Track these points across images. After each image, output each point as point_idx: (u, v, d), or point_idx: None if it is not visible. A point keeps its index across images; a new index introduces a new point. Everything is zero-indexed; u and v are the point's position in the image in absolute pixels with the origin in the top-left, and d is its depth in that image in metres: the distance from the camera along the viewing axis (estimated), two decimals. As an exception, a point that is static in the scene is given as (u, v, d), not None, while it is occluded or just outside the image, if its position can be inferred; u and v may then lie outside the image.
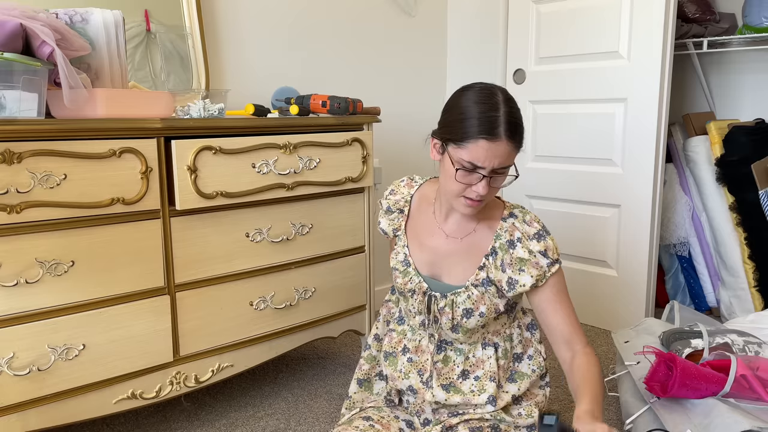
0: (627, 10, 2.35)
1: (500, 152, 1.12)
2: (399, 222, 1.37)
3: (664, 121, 2.33)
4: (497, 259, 1.25)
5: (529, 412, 1.33)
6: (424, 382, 1.32)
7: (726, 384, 1.43)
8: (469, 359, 1.31)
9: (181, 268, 1.57)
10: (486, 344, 1.32)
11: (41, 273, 1.34)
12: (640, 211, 2.40)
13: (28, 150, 1.28)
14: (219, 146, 1.57)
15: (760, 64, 2.65)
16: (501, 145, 1.12)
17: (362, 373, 1.46)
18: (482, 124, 1.12)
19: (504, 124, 1.12)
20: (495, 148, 1.12)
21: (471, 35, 2.92)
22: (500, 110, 1.13)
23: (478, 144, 1.12)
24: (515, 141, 1.14)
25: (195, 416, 1.82)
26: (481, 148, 1.12)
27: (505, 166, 1.15)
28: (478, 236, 1.28)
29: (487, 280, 1.26)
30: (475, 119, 1.12)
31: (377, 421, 1.29)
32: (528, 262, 1.22)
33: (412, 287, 1.31)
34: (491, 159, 1.12)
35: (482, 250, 1.27)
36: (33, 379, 1.36)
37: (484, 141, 1.11)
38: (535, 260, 1.22)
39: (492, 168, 1.14)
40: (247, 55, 2.27)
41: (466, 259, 1.28)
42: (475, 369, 1.31)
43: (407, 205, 1.37)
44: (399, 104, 2.79)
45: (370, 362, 1.46)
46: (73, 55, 1.38)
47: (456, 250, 1.29)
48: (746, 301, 2.42)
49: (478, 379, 1.30)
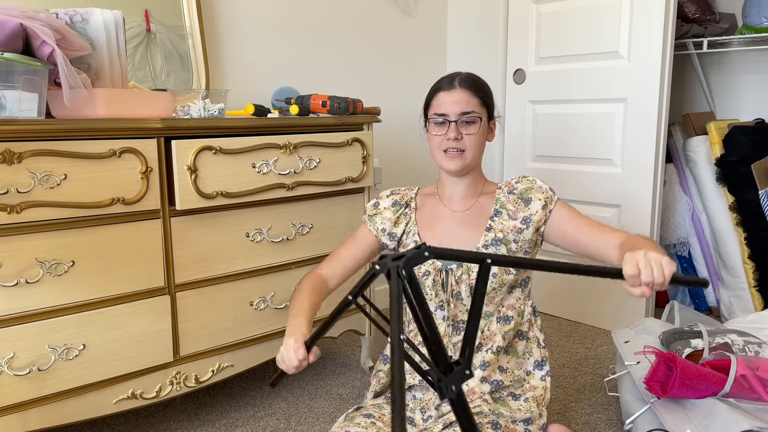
0: (627, 10, 2.35)
1: (458, 99, 1.35)
2: (409, 215, 1.44)
3: (664, 121, 2.33)
4: (502, 216, 1.37)
5: (528, 407, 1.34)
6: None
7: (726, 384, 1.43)
8: (484, 332, 1.38)
9: (181, 268, 1.57)
10: (500, 318, 1.39)
11: (41, 273, 1.34)
12: (640, 211, 2.40)
13: (28, 150, 1.28)
14: (219, 146, 1.57)
15: (760, 64, 2.65)
16: (457, 93, 1.35)
17: (381, 386, 1.46)
18: (441, 83, 1.40)
19: (458, 79, 1.37)
20: (452, 96, 1.35)
21: (471, 35, 2.92)
22: (459, 74, 1.39)
23: (439, 96, 1.38)
24: (472, 90, 1.36)
25: (195, 416, 1.82)
26: (441, 98, 1.37)
27: (467, 111, 1.34)
28: (481, 205, 1.41)
29: (496, 240, 1.36)
30: (438, 82, 1.41)
31: (378, 418, 1.29)
32: (531, 190, 1.38)
33: (426, 269, 1.36)
34: (451, 105, 1.35)
35: (486, 214, 1.40)
36: (33, 379, 1.36)
37: (442, 92, 1.37)
38: (538, 185, 1.38)
39: (455, 113, 1.34)
40: (247, 55, 2.27)
41: (473, 228, 1.38)
42: (487, 342, 1.38)
43: (413, 200, 1.46)
44: (399, 104, 2.79)
45: (389, 375, 1.46)
46: (74, 55, 1.38)
47: (463, 222, 1.39)
48: (746, 301, 2.42)
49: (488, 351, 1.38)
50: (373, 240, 1.45)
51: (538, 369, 1.41)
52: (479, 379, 1.36)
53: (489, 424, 1.26)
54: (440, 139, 1.36)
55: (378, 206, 1.46)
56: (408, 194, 1.47)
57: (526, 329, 1.43)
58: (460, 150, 1.35)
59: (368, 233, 1.46)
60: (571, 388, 1.99)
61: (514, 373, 1.39)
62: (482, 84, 1.40)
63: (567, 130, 2.60)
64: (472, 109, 1.35)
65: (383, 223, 1.43)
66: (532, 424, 1.32)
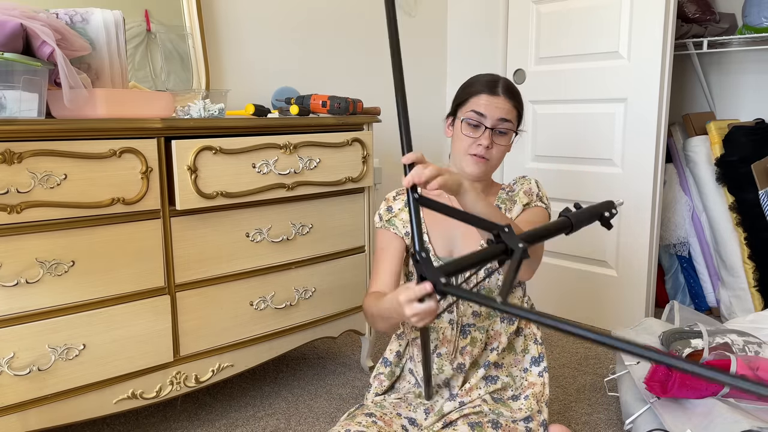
0: (627, 10, 2.35)
1: (500, 105, 1.33)
2: None
3: (664, 121, 2.33)
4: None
5: (528, 405, 1.34)
6: (455, 368, 1.37)
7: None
8: (489, 332, 1.39)
9: (181, 268, 1.57)
10: (504, 318, 1.40)
11: (41, 273, 1.34)
12: (640, 212, 2.40)
13: (28, 150, 1.28)
14: (219, 146, 1.57)
15: (760, 64, 2.65)
16: (500, 100, 1.34)
17: (382, 389, 1.46)
18: (483, 84, 1.36)
19: (502, 86, 1.36)
20: (495, 101, 1.33)
21: (471, 35, 2.92)
22: (500, 78, 1.38)
23: (481, 97, 1.34)
24: (513, 100, 1.35)
25: (195, 416, 1.82)
26: (483, 99, 1.34)
27: (505, 119, 1.34)
28: None
29: None
30: (478, 83, 1.37)
31: (380, 418, 1.30)
32: (520, 192, 1.40)
33: None
34: (492, 110, 1.33)
35: None
36: (33, 379, 1.36)
37: (485, 95, 1.34)
38: (528, 188, 1.41)
39: (494, 119, 1.33)
40: (247, 55, 2.27)
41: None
42: (492, 341, 1.40)
43: None
44: (399, 104, 2.78)
45: (390, 378, 1.47)
46: (74, 55, 1.38)
47: None
48: (746, 301, 2.42)
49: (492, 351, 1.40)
50: (401, 242, 1.43)
51: (535, 365, 1.41)
52: (481, 377, 1.36)
53: (489, 423, 1.26)
54: (470, 141, 1.34)
55: (392, 210, 1.45)
56: None
57: (523, 325, 1.44)
58: (485, 157, 1.34)
59: (394, 237, 1.42)
60: (571, 388, 1.99)
61: (510, 371, 1.40)
62: (520, 96, 1.40)
63: (567, 130, 2.60)
64: (510, 119, 1.35)
65: (405, 226, 1.42)
66: (532, 421, 1.32)
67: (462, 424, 1.26)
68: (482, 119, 1.33)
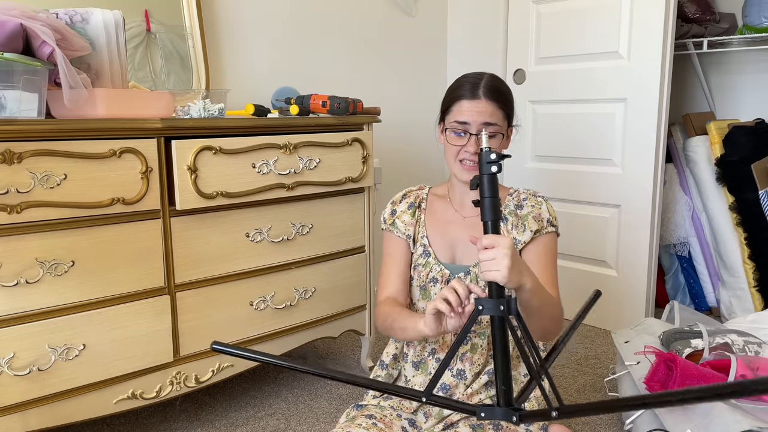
0: (627, 10, 2.35)
1: (482, 109, 1.28)
2: (418, 215, 1.43)
3: (664, 121, 2.34)
4: (507, 224, 1.36)
5: (530, 406, 1.34)
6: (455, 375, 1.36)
7: (726, 384, 1.43)
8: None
9: (181, 268, 1.57)
10: None
11: (41, 273, 1.34)
12: (640, 211, 2.40)
13: (28, 150, 1.28)
14: (219, 146, 1.57)
15: (760, 64, 2.65)
16: (481, 104, 1.28)
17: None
18: (464, 89, 1.31)
19: (483, 88, 1.29)
20: (477, 106, 1.28)
21: (471, 35, 2.92)
22: (482, 79, 1.31)
23: (462, 104, 1.29)
24: (497, 102, 1.29)
25: (195, 416, 1.82)
26: (464, 106, 1.29)
27: (489, 123, 1.28)
28: None
29: None
30: (460, 87, 1.32)
31: (380, 419, 1.29)
32: (529, 217, 1.35)
33: (434, 275, 1.35)
34: (474, 115, 1.28)
35: None
36: (33, 379, 1.36)
37: (466, 101, 1.29)
38: (537, 213, 1.35)
39: (477, 125, 1.28)
40: (247, 55, 2.27)
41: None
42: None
43: (424, 201, 1.45)
44: (399, 104, 2.79)
45: (387, 381, 1.46)
46: (73, 55, 1.38)
47: (472, 227, 1.37)
48: (746, 301, 2.42)
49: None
50: (405, 243, 1.43)
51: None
52: (484, 383, 1.35)
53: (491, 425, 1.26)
54: (457, 149, 1.32)
55: (395, 213, 1.45)
56: (419, 194, 1.46)
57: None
58: (476, 162, 1.32)
59: (398, 240, 1.42)
60: (571, 388, 1.99)
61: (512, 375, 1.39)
62: (506, 94, 1.33)
63: (567, 130, 2.60)
64: (495, 121, 1.30)
65: (407, 229, 1.42)
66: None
67: (463, 426, 1.26)
68: (466, 127, 1.29)
